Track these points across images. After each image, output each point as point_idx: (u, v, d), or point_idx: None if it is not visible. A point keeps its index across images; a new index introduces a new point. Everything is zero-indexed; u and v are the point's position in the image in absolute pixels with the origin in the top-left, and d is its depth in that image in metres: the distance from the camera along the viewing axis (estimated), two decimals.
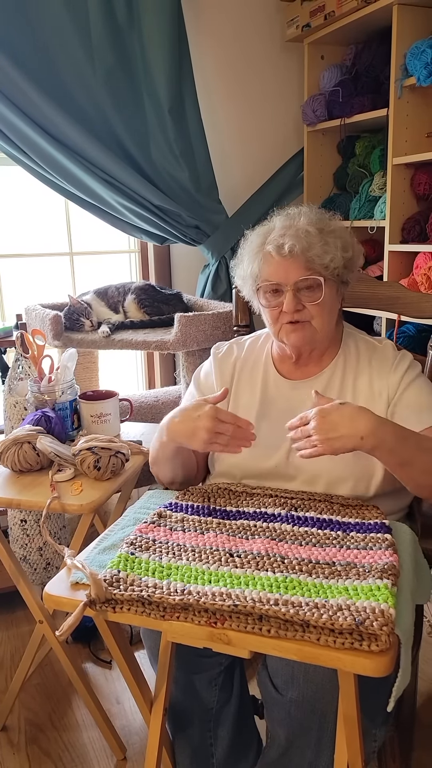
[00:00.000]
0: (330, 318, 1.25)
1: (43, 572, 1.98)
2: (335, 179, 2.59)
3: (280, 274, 1.20)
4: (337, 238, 1.21)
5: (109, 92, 2.19)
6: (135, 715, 1.72)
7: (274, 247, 1.19)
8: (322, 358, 1.31)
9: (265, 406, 1.31)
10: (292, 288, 1.20)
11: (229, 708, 1.29)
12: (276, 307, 1.23)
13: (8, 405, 1.79)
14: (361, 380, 1.27)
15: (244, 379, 1.35)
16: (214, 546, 1.03)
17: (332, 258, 1.20)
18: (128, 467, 1.53)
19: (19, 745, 1.64)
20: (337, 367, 1.29)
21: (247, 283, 1.28)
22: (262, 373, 1.34)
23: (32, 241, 2.54)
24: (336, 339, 1.32)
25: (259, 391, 1.32)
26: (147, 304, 2.13)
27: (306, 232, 1.19)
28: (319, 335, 1.24)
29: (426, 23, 2.02)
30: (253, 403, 1.31)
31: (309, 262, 1.19)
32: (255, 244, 1.25)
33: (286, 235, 1.19)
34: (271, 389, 1.32)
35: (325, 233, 1.20)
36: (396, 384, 1.25)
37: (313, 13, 2.30)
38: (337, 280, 1.24)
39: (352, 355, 1.30)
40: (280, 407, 1.30)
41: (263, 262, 1.22)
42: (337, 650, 0.82)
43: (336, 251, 1.20)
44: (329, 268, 1.20)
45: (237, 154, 2.60)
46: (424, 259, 2.05)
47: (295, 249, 1.17)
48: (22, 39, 2.06)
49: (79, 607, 0.92)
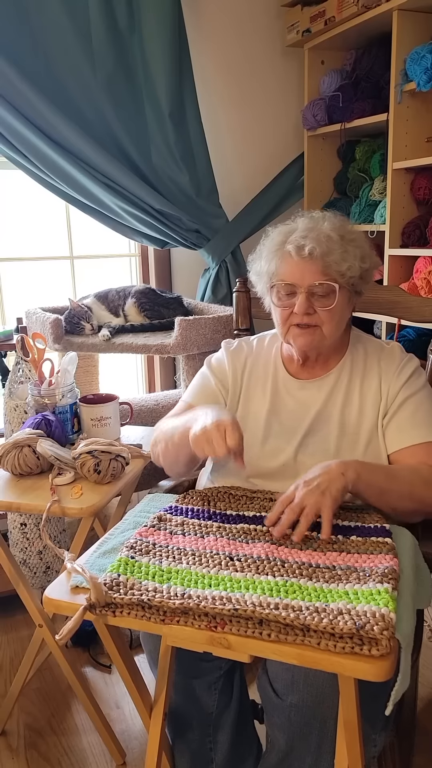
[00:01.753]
0: (339, 325, 1.25)
1: (42, 576, 1.98)
2: (335, 184, 2.60)
3: (296, 275, 1.21)
4: (357, 248, 1.22)
5: (109, 96, 2.19)
6: (134, 719, 1.71)
7: (294, 248, 1.20)
8: (328, 360, 1.31)
9: (275, 405, 1.32)
10: (305, 290, 1.20)
11: (229, 712, 1.28)
12: (287, 307, 1.23)
13: (8, 408, 1.79)
14: (368, 381, 1.28)
15: (255, 377, 1.36)
16: (214, 550, 1.03)
17: (350, 266, 1.20)
18: (128, 471, 1.53)
19: (18, 749, 1.63)
20: (345, 368, 1.30)
21: (262, 279, 1.29)
22: (272, 371, 1.35)
23: (33, 244, 2.54)
24: (344, 342, 1.33)
25: (270, 391, 1.33)
26: (147, 308, 2.14)
27: (327, 236, 1.20)
28: (327, 341, 1.25)
29: (426, 29, 2.03)
30: (264, 403, 1.32)
31: (326, 267, 1.19)
32: (275, 242, 1.25)
33: (308, 237, 1.20)
34: (281, 389, 1.33)
35: (346, 241, 1.21)
36: (397, 391, 1.26)
37: (314, 18, 2.31)
38: (351, 289, 1.24)
39: (359, 357, 1.31)
40: (290, 407, 1.30)
41: (281, 260, 1.23)
42: (337, 655, 0.82)
43: (354, 260, 1.21)
44: (345, 275, 1.20)
45: (237, 159, 2.61)
46: (424, 263, 2.05)
47: (315, 252, 1.18)
48: (23, 44, 2.06)
49: (79, 611, 0.92)
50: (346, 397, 1.28)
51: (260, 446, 1.29)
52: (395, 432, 1.25)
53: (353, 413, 1.27)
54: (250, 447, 1.28)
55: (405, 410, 1.25)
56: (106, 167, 2.19)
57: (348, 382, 1.29)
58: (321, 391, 1.29)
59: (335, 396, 1.28)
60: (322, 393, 1.29)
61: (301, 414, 1.29)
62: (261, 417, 1.30)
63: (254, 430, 1.30)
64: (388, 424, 1.25)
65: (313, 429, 1.27)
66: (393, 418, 1.25)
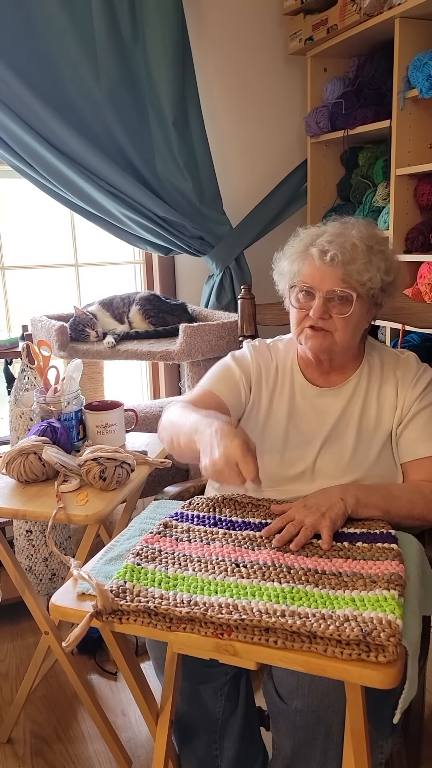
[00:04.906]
0: (353, 335, 1.25)
1: (48, 583, 1.98)
2: (339, 190, 2.60)
3: (316, 278, 1.21)
4: (382, 260, 1.21)
5: (113, 105, 2.21)
6: (141, 727, 1.71)
7: (318, 252, 1.20)
8: (345, 369, 1.32)
9: (293, 412, 1.32)
10: (323, 295, 1.20)
11: (235, 719, 1.28)
12: (304, 308, 1.24)
13: (14, 416, 1.79)
14: (385, 388, 1.29)
15: (274, 381, 1.35)
16: (220, 556, 1.03)
17: (371, 277, 1.20)
18: (134, 477, 1.53)
19: (24, 757, 1.63)
20: (362, 376, 1.31)
21: (284, 278, 1.29)
22: (290, 377, 1.35)
23: (38, 252, 2.56)
24: (360, 351, 1.33)
25: (287, 398, 1.33)
26: (152, 315, 2.14)
27: (353, 245, 1.20)
28: (338, 348, 1.25)
29: (428, 36, 2.03)
30: (282, 410, 1.32)
31: (346, 275, 1.19)
32: (302, 243, 1.26)
33: (333, 242, 1.20)
34: (299, 396, 1.33)
35: (373, 252, 1.21)
36: (412, 402, 1.26)
37: (316, 26, 2.32)
38: (371, 300, 1.24)
39: (376, 366, 1.32)
40: (308, 416, 1.30)
41: (304, 261, 1.23)
42: (344, 662, 0.82)
43: (377, 272, 1.20)
44: (365, 286, 1.20)
45: (241, 166, 2.62)
46: (428, 269, 2.06)
47: (337, 259, 1.18)
48: (27, 54, 2.08)
49: (85, 617, 0.92)
50: (364, 405, 1.28)
51: (280, 455, 1.28)
52: (406, 443, 1.26)
53: (371, 421, 1.27)
54: (271, 456, 1.28)
55: (418, 422, 1.26)
56: (110, 175, 2.20)
57: (366, 390, 1.29)
58: (339, 399, 1.30)
59: (353, 404, 1.29)
60: (340, 401, 1.29)
61: (319, 422, 1.29)
62: (281, 424, 1.30)
63: (274, 438, 1.30)
64: (401, 434, 1.26)
65: (331, 437, 1.27)
66: (406, 429, 1.26)
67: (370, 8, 2.04)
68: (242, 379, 1.34)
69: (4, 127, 2.08)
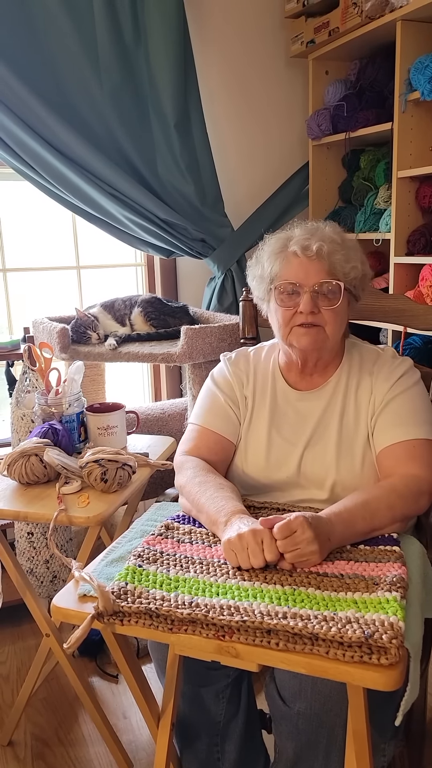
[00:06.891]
0: (340, 328, 1.26)
1: (49, 585, 1.97)
2: (340, 192, 2.61)
3: (301, 274, 1.21)
4: (356, 252, 1.26)
5: (115, 108, 2.21)
6: (142, 729, 1.70)
7: (300, 247, 1.21)
8: (326, 369, 1.31)
9: (275, 418, 1.31)
10: (310, 290, 1.20)
11: (237, 722, 1.28)
12: (291, 307, 1.23)
13: (15, 418, 1.79)
14: (363, 385, 1.27)
15: (255, 388, 1.35)
16: (221, 558, 1.03)
17: (353, 267, 1.23)
18: (135, 479, 1.53)
19: (25, 760, 1.63)
20: (341, 376, 1.30)
21: (262, 283, 1.29)
22: (271, 383, 1.34)
23: (40, 254, 2.56)
24: (340, 350, 1.33)
25: (269, 403, 1.32)
26: (153, 317, 2.14)
27: (331, 238, 1.23)
28: (329, 343, 1.24)
29: (429, 38, 2.04)
30: (265, 415, 1.32)
31: (332, 267, 1.21)
32: (277, 246, 1.26)
33: (312, 237, 1.22)
34: (281, 400, 1.33)
35: (347, 245, 1.24)
36: (384, 393, 1.24)
37: (318, 29, 2.33)
38: (353, 291, 1.26)
39: (355, 363, 1.31)
40: (290, 420, 1.30)
41: (284, 261, 1.23)
42: (346, 664, 0.82)
43: (357, 262, 1.24)
44: (349, 276, 1.23)
45: (242, 168, 2.62)
46: (430, 271, 2.06)
47: (323, 250, 1.20)
48: (30, 56, 2.09)
49: (87, 619, 0.92)
50: (344, 403, 1.27)
51: (265, 460, 1.28)
52: (378, 432, 1.23)
53: (350, 421, 1.26)
54: (255, 462, 1.29)
55: (389, 411, 1.23)
56: (112, 178, 2.20)
57: (345, 388, 1.28)
58: (320, 401, 1.29)
59: (333, 405, 1.28)
60: (320, 403, 1.29)
61: (301, 425, 1.28)
62: (264, 430, 1.30)
63: (257, 444, 1.30)
64: (375, 427, 1.24)
65: (314, 439, 1.27)
66: (378, 420, 1.23)
67: (372, 11, 2.05)
68: (228, 402, 1.34)
69: (6, 130, 2.08)
